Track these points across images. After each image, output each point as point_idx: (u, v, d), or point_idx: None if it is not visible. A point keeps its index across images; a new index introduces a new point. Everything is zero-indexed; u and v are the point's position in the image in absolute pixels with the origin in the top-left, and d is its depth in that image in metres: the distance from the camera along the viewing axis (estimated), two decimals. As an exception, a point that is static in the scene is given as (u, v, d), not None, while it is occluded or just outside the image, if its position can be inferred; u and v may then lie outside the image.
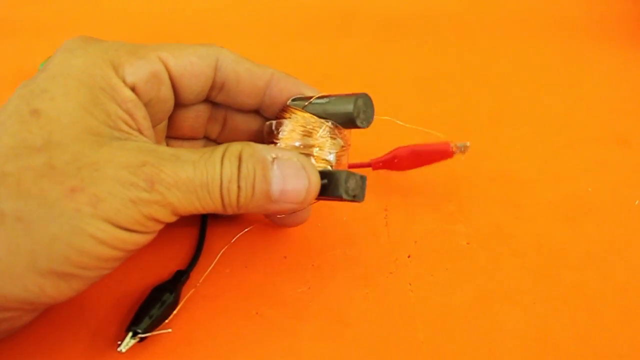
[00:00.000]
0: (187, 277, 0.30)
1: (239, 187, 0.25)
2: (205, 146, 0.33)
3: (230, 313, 0.29)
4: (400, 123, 0.36)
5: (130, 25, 0.57)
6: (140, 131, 0.26)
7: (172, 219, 0.25)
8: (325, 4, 0.60)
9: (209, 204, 0.25)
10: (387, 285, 0.31)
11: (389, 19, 0.58)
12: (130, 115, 0.26)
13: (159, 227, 0.25)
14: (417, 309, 0.30)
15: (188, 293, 0.30)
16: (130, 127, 0.26)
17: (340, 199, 0.27)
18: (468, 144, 0.35)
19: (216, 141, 0.33)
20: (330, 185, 0.27)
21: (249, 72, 0.30)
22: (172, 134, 0.31)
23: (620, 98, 0.46)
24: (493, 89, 0.47)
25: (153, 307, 0.27)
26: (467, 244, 0.33)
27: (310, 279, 0.31)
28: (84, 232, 0.22)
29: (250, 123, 0.32)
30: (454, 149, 0.35)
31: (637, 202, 0.36)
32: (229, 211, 0.26)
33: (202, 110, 0.31)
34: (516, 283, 0.31)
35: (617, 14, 0.58)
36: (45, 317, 0.28)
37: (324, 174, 0.28)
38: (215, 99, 0.31)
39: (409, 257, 0.32)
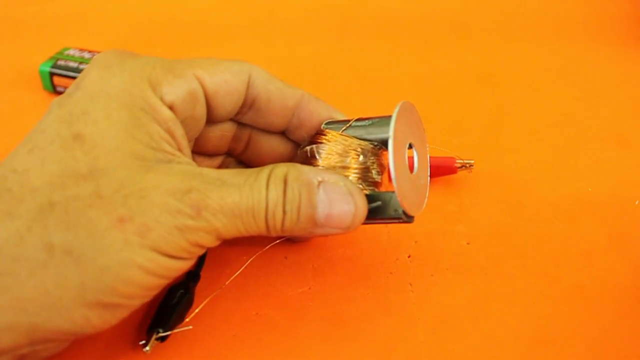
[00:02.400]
0: (199, 277, 0.30)
1: (284, 211, 0.25)
2: (224, 162, 0.33)
3: (230, 313, 0.29)
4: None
5: (130, 25, 0.57)
6: (180, 150, 0.26)
7: (216, 243, 0.25)
8: (325, 4, 0.60)
9: (253, 228, 0.25)
10: (388, 285, 0.31)
11: (389, 19, 0.58)
12: (171, 134, 0.26)
13: (202, 252, 0.25)
14: (417, 309, 0.30)
15: (201, 293, 0.29)
16: (172, 146, 0.25)
17: (395, 220, 0.27)
18: (472, 162, 0.36)
19: (238, 158, 0.33)
20: (384, 207, 0.27)
21: (280, 91, 0.29)
22: (195, 150, 0.31)
23: (620, 98, 0.46)
24: (493, 89, 0.47)
25: (172, 307, 0.28)
26: (467, 244, 0.33)
27: (311, 279, 0.31)
28: (133, 263, 0.22)
29: (275, 145, 0.32)
30: (459, 165, 0.36)
31: (637, 202, 0.36)
32: (273, 234, 0.25)
33: (227, 130, 0.31)
34: (516, 283, 0.31)
35: (617, 14, 0.58)
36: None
37: (375, 197, 0.27)
38: (243, 118, 0.30)
39: (409, 257, 0.32)
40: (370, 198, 0.27)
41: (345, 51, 0.53)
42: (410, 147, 0.28)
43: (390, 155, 0.25)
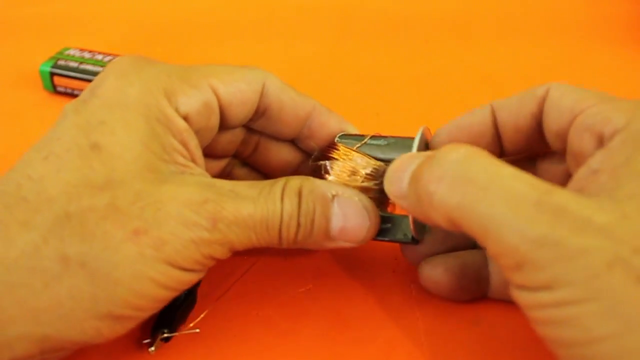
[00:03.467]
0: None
1: (298, 223, 0.25)
2: (229, 163, 0.33)
3: (231, 313, 0.29)
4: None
5: (131, 25, 0.57)
6: (194, 161, 0.26)
7: (228, 255, 0.25)
8: (325, 4, 0.60)
9: (265, 239, 0.25)
10: (388, 285, 0.31)
11: (389, 19, 0.58)
12: (185, 145, 0.26)
13: (213, 264, 0.25)
14: (418, 308, 0.30)
15: (203, 293, 0.29)
16: (185, 158, 0.26)
17: (402, 242, 0.28)
18: None
19: (244, 161, 0.33)
20: (394, 229, 0.27)
21: (293, 101, 0.29)
22: (203, 152, 0.30)
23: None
24: (493, 89, 0.47)
25: (176, 307, 0.28)
26: (467, 244, 0.33)
27: (311, 279, 0.31)
28: (146, 276, 0.22)
29: (283, 152, 0.32)
30: None
31: None
32: (285, 246, 0.26)
33: (236, 135, 0.31)
34: (516, 283, 0.31)
35: (617, 14, 0.58)
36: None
37: (386, 218, 0.27)
38: (253, 125, 0.30)
39: (409, 257, 0.32)
40: (384, 219, 0.27)
41: (346, 51, 0.53)
42: None
43: None
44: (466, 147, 0.22)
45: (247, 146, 0.32)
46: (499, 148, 0.28)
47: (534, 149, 0.28)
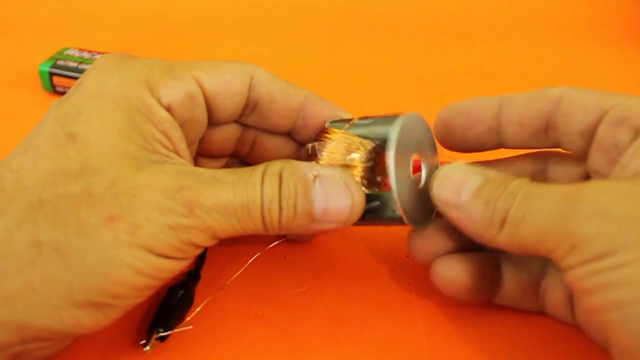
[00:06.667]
0: (199, 277, 0.30)
1: (280, 207, 0.24)
2: (228, 163, 0.33)
3: (230, 313, 0.29)
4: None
5: (130, 25, 0.57)
6: (177, 152, 0.26)
7: (212, 242, 0.24)
8: (325, 5, 0.60)
9: (249, 226, 0.24)
10: (387, 285, 0.31)
11: (389, 19, 0.58)
12: (167, 136, 0.25)
13: (198, 252, 0.24)
14: (417, 309, 0.30)
15: (201, 293, 0.29)
16: (167, 148, 0.25)
17: (395, 221, 0.27)
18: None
19: (243, 160, 0.33)
20: (383, 207, 0.27)
21: (283, 92, 0.29)
22: (200, 152, 0.31)
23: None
24: (493, 89, 0.47)
25: (172, 307, 0.28)
26: (467, 244, 0.33)
27: (311, 279, 0.31)
28: (122, 262, 0.22)
29: (280, 146, 0.31)
30: None
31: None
32: (271, 232, 0.25)
33: (231, 132, 0.30)
34: (516, 283, 0.31)
35: (617, 14, 0.58)
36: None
37: (374, 196, 0.27)
38: (247, 120, 0.30)
39: (408, 257, 0.32)
40: (369, 197, 0.27)
41: (345, 51, 0.53)
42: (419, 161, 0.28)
43: (391, 142, 0.25)
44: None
45: (244, 144, 0.32)
46: (495, 140, 0.29)
47: (533, 146, 0.29)
